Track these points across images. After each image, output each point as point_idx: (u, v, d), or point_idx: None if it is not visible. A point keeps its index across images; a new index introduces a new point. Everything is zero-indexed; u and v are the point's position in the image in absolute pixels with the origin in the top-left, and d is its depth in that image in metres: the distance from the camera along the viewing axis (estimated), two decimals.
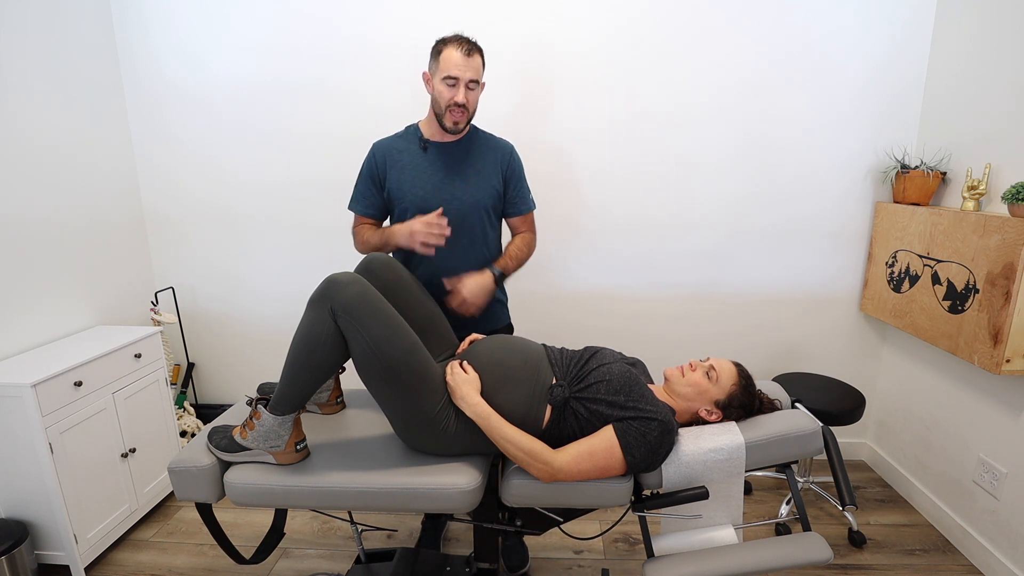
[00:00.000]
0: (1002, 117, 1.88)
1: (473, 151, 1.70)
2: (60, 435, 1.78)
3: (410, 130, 1.73)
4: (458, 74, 1.53)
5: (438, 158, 1.67)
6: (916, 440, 2.28)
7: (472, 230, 1.68)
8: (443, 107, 1.58)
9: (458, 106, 1.56)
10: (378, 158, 1.69)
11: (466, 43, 1.55)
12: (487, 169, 1.70)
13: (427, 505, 1.27)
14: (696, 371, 1.37)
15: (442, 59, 1.55)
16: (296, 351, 1.25)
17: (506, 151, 1.75)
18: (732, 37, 2.24)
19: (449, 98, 1.56)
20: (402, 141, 1.70)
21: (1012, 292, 1.65)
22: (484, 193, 1.69)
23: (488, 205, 1.70)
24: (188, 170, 2.49)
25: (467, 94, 1.57)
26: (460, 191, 1.66)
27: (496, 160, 1.72)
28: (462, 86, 1.55)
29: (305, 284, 1.50)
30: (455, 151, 1.68)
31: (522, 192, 1.78)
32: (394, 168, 1.67)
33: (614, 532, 2.11)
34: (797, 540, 1.27)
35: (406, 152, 1.68)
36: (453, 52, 1.53)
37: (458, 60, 1.53)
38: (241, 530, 2.15)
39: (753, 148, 2.34)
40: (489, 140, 1.75)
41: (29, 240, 1.99)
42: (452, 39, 1.56)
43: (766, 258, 2.44)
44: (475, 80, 1.57)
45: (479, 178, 1.68)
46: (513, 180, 1.75)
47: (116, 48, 2.38)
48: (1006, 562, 1.82)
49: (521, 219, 1.79)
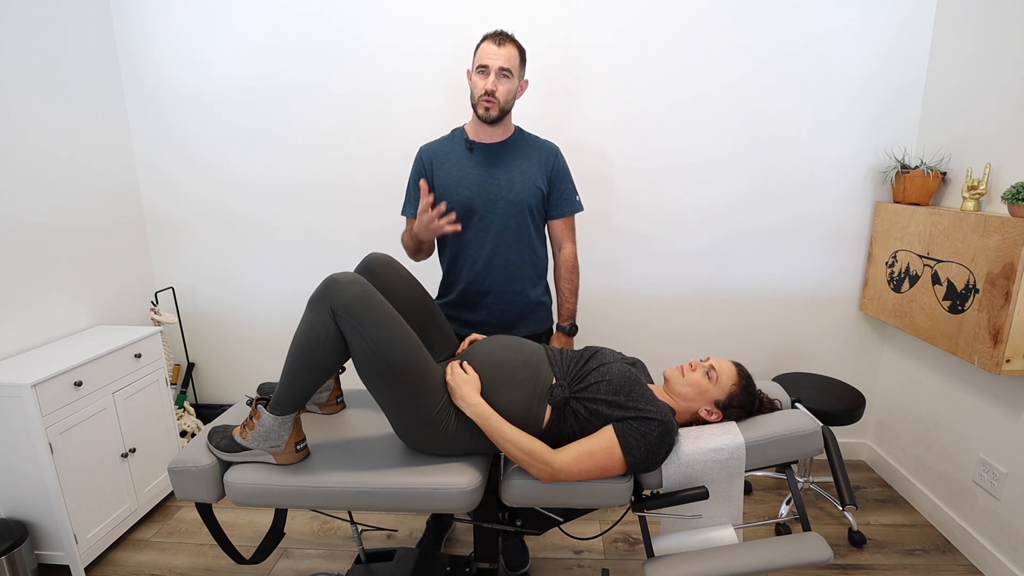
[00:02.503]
0: (1002, 117, 1.88)
1: (519, 152, 1.72)
2: (60, 435, 1.78)
3: (456, 132, 1.75)
4: (488, 62, 1.57)
5: (483, 158, 1.68)
6: (916, 440, 2.28)
7: (517, 229, 1.70)
8: (476, 97, 1.61)
9: (488, 93, 1.59)
10: (425, 161, 1.72)
11: (499, 34, 1.61)
12: (531, 169, 1.71)
13: (427, 505, 1.27)
14: (696, 371, 1.37)
15: (478, 52, 1.61)
16: (296, 351, 1.25)
17: (551, 152, 1.77)
18: (731, 37, 2.24)
19: (481, 86, 1.59)
20: (448, 143, 1.73)
21: (1012, 292, 1.65)
22: (528, 192, 1.70)
23: (533, 205, 1.71)
24: (188, 170, 2.49)
25: (496, 82, 1.58)
26: (505, 191, 1.68)
27: (541, 160, 1.73)
28: (492, 74, 1.58)
29: (305, 284, 1.50)
30: (500, 151, 1.70)
31: (566, 194, 1.78)
32: (440, 169, 1.69)
33: (614, 532, 2.11)
34: (797, 540, 1.27)
35: (452, 153, 1.70)
36: (487, 44, 1.60)
37: (490, 49, 1.58)
38: (241, 530, 2.15)
39: (753, 148, 2.34)
40: (535, 141, 1.77)
41: (29, 240, 2.00)
42: (490, 33, 1.62)
43: (766, 258, 2.44)
44: (506, 68, 1.59)
45: (524, 178, 1.70)
46: (558, 181, 1.76)
47: (116, 48, 2.38)
48: (1006, 562, 1.82)
49: (563, 222, 1.79)
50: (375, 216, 2.44)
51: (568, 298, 1.80)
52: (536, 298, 1.80)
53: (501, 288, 1.72)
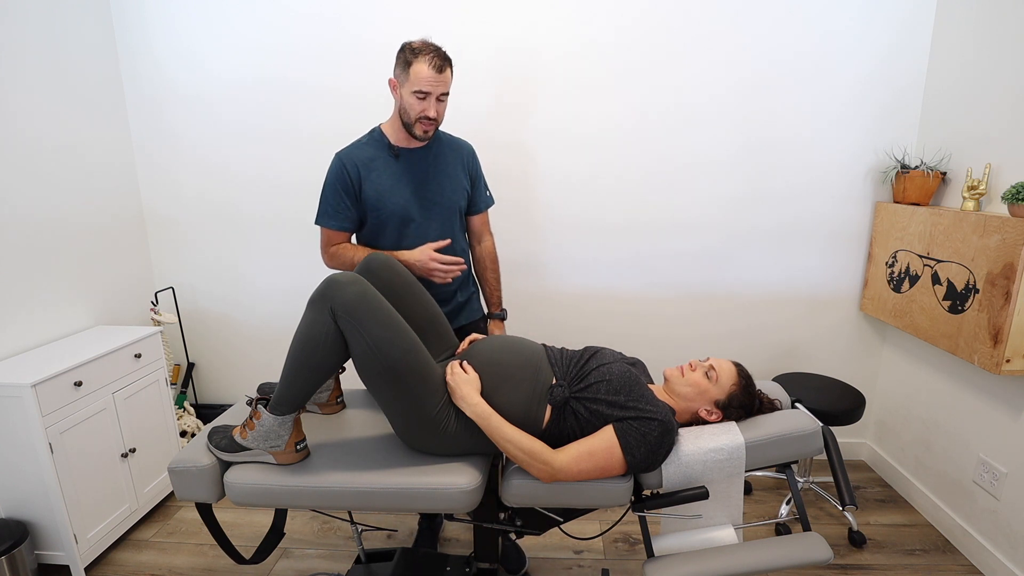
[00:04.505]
0: (1002, 117, 1.88)
1: (440, 155, 1.71)
2: (60, 435, 1.78)
3: (375, 136, 1.69)
4: (429, 89, 1.52)
5: (410, 165, 1.67)
6: (916, 440, 2.28)
7: (453, 231, 1.72)
8: (413, 119, 1.58)
9: (428, 119, 1.57)
10: (350, 169, 1.63)
11: (437, 57, 1.51)
12: (456, 171, 1.73)
13: (427, 505, 1.27)
14: (696, 371, 1.37)
15: (412, 73, 1.51)
16: (296, 351, 1.25)
17: (468, 151, 1.79)
18: (732, 37, 2.24)
19: (420, 111, 1.55)
20: (370, 149, 1.67)
21: (1012, 292, 1.65)
22: (458, 195, 1.73)
23: (462, 206, 1.75)
24: (188, 170, 2.49)
25: (437, 107, 1.57)
26: (437, 196, 1.68)
27: (462, 161, 1.75)
28: (433, 100, 1.55)
29: (305, 284, 1.50)
30: (426, 156, 1.69)
31: (482, 190, 1.83)
32: (369, 178, 1.64)
33: (614, 532, 2.11)
34: (797, 540, 1.27)
35: (378, 160, 1.65)
36: (424, 67, 1.50)
37: (429, 76, 1.51)
38: (241, 530, 2.15)
39: (753, 148, 2.33)
40: (452, 141, 1.77)
41: (29, 240, 2.00)
42: (422, 50, 1.51)
43: (766, 258, 2.44)
44: (446, 93, 1.58)
45: (452, 181, 1.71)
46: (476, 179, 1.80)
47: (116, 48, 2.38)
48: (1006, 562, 1.82)
49: (482, 217, 1.84)
50: None
51: (495, 287, 1.86)
52: (468, 291, 1.85)
53: (439, 289, 1.71)
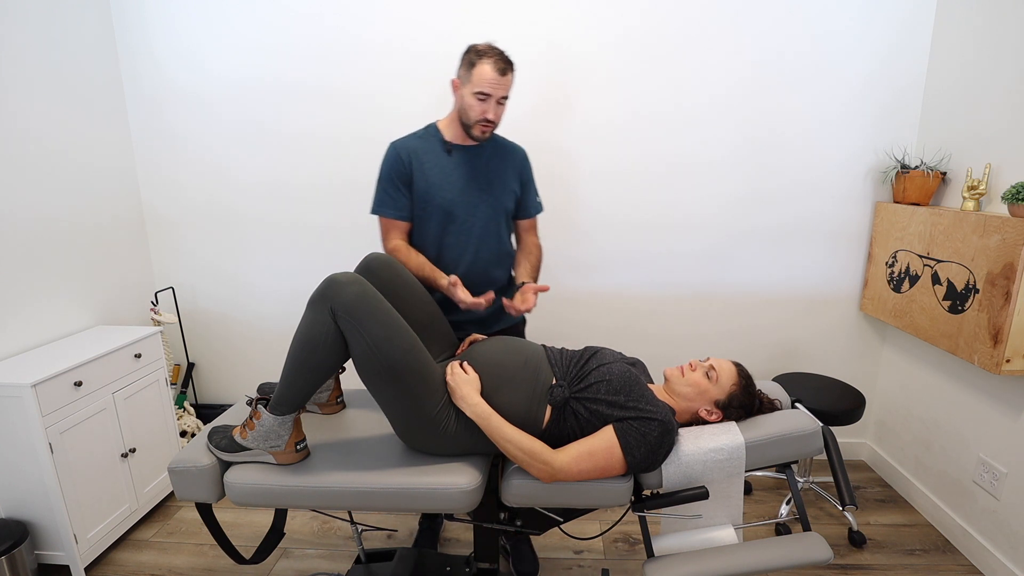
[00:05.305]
0: (1002, 117, 1.88)
1: (494, 156, 1.71)
2: (60, 435, 1.78)
3: (430, 131, 1.71)
4: (491, 91, 1.54)
5: (462, 162, 1.67)
6: (916, 440, 2.28)
7: (497, 233, 1.72)
8: (472, 120, 1.59)
9: (488, 121, 1.58)
10: (404, 158, 1.65)
11: (501, 60, 1.53)
12: (507, 174, 1.72)
13: (427, 505, 1.27)
14: (696, 371, 1.37)
15: (475, 74, 1.53)
16: (296, 351, 1.25)
17: (522, 156, 1.78)
18: (731, 37, 2.24)
19: (480, 112, 1.56)
20: (423, 142, 1.69)
21: (1012, 292, 1.65)
22: (507, 198, 1.72)
23: (509, 208, 1.74)
24: (188, 170, 2.49)
25: (497, 110, 1.58)
26: (486, 195, 1.68)
27: (514, 165, 1.75)
28: (493, 102, 1.56)
29: (305, 284, 1.50)
30: (478, 155, 1.69)
31: (532, 195, 1.81)
32: (420, 170, 1.65)
33: (614, 532, 2.11)
34: (797, 540, 1.27)
35: (430, 153, 1.67)
36: (488, 69, 1.52)
37: (492, 78, 1.53)
38: (241, 530, 2.15)
39: (753, 148, 2.34)
40: (506, 144, 1.76)
41: (29, 240, 1.99)
42: (487, 53, 1.54)
43: (766, 258, 2.44)
44: (506, 96, 1.59)
45: (501, 183, 1.71)
46: (527, 184, 1.79)
47: (116, 48, 2.38)
48: (1006, 562, 1.82)
49: (530, 222, 1.83)
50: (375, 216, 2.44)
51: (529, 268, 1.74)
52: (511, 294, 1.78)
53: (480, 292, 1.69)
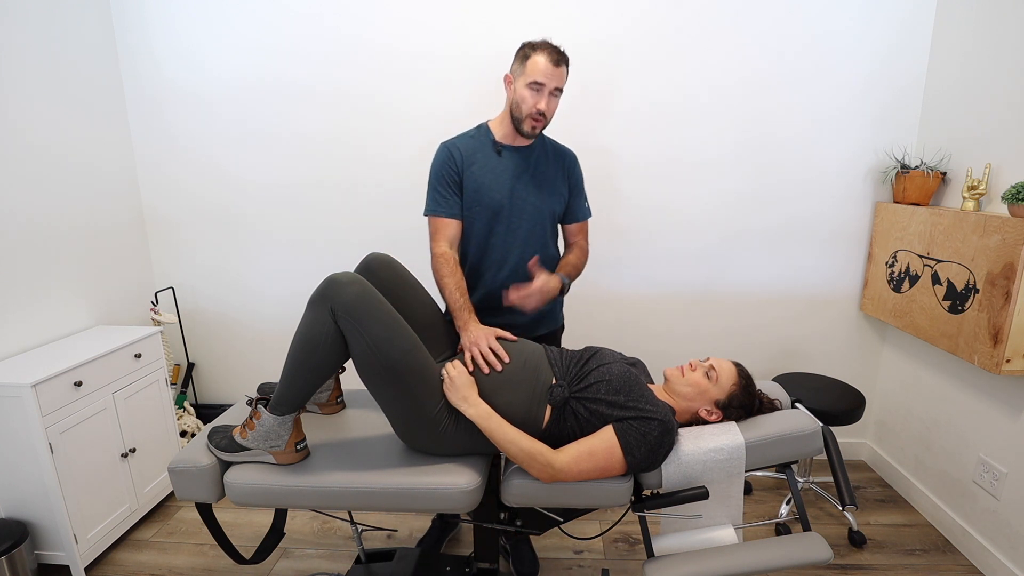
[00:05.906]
0: (1002, 117, 1.88)
1: (543, 157, 1.71)
2: (60, 435, 1.77)
3: (481, 131, 1.70)
4: (545, 80, 1.53)
5: (512, 163, 1.66)
6: (916, 440, 2.28)
7: (543, 236, 1.71)
8: (524, 113, 1.57)
9: (540, 113, 1.56)
10: (456, 158, 1.63)
11: (555, 52, 1.53)
12: (556, 176, 1.71)
13: (427, 505, 1.27)
14: (696, 371, 1.37)
15: (529, 64, 1.53)
16: (296, 351, 1.25)
17: (571, 159, 1.77)
18: (731, 37, 2.24)
19: (533, 104, 1.55)
20: (474, 142, 1.67)
21: (1012, 292, 1.65)
22: (554, 200, 1.71)
23: (557, 211, 1.73)
24: (188, 170, 2.49)
25: (549, 102, 1.57)
26: (534, 197, 1.67)
27: (563, 167, 1.74)
28: (546, 93, 1.55)
29: (305, 284, 1.50)
30: (528, 156, 1.68)
31: (581, 200, 1.80)
32: (470, 169, 1.64)
33: (614, 532, 2.11)
34: (797, 540, 1.27)
35: (480, 153, 1.65)
36: (541, 59, 1.51)
37: (546, 68, 1.52)
38: (241, 530, 2.15)
39: (753, 148, 2.34)
40: (556, 147, 1.76)
41: (29, 240, 1.99)
42: (542, 45, 1.53)
43: (766, 258, 2.44)
44: (559, 88, 1.57)
45: (550, 185, 1.70)
46: (576, 188, 1.77)
47: (116, 48, 2.38)
48: (1006, 562, 1.82)
49: (578, 226, 1.80)
50: (375, 216, 2.45)
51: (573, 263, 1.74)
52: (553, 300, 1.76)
53: None
